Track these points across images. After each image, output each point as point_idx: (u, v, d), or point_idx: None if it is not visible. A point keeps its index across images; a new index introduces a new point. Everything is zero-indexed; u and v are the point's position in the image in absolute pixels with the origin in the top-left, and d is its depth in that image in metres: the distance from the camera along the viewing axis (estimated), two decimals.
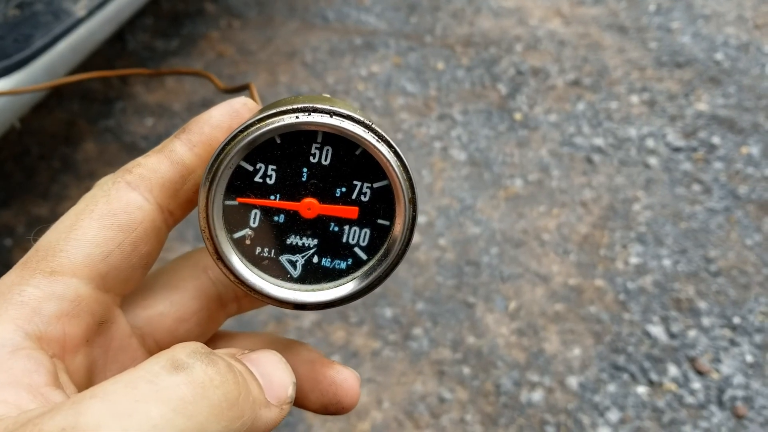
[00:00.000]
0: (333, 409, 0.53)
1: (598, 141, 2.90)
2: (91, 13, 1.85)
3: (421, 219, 2.56)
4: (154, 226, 0.48)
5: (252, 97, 0.64)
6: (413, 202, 0.48)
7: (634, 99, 3.12)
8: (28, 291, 0.42)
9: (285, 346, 0.55)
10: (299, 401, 0.53)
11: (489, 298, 2.31)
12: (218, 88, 0.80)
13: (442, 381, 2.10)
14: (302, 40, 3.45)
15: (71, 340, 0.44)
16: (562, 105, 3.09)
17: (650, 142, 2.90)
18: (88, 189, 0.48)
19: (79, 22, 1.82)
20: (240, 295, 0.56)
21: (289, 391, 0.45)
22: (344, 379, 0.53)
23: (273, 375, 0.44)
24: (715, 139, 2.89)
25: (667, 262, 2.43)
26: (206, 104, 3.02)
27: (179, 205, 0.50)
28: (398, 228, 0.49)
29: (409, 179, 0.48)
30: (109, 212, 0.46)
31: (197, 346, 0.40)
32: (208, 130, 0.49)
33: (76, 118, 2.95)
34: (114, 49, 3.27)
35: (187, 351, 0.39)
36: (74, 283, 0.44)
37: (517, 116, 3.03)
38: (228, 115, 0.50)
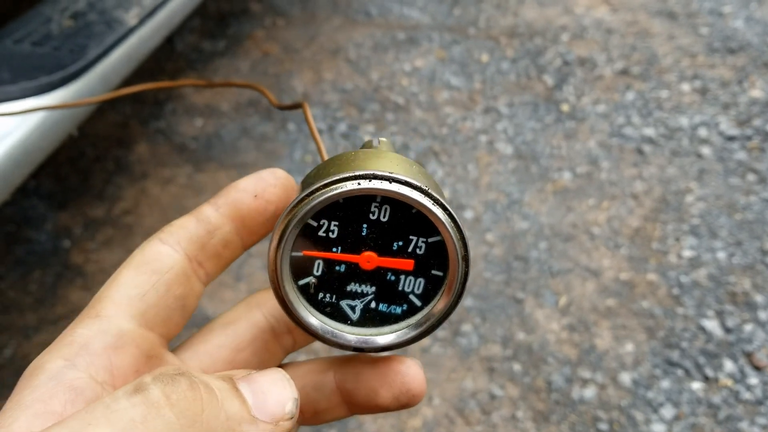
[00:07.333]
0: (404, 399, 0.55)
1: (649, 131, 2.85)
2: (142, 21, 1.89)
3: (468, 214, 2.55)
4: (184, 272, 0.53)
5: (305, 116, 0.66)
6: (466, 259, 0.52)
7: (685, 87, 3.05)
8: (77, 332, 0.48)
9: (343, 361, 0.57)
10: (372, 405, 0.55)
11: (538, 294, 2.30)
12: (272, 104, 0.82)
13: (492, 377, 2.10)
14: (345, 36, 3.46)
15: (119, 369, 0.47)
16: (611, 95, 3.04)
17: (703, 132, 2.83)
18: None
19: (132, 30, 1.87)
20: (292, 327, 0.60)
21: (288, 407, 0.45)
22: (408, 366, 0.55)
23: (269, 391, 0.45)
24: None
25: (721, 255, 2.38)
26: (253, 104, 3.06)
27: (208, 258, 0.56)
28: (451, 280, 0.53)
29: (462, 238, 0.51)
30: (143, 261, 0.52)
31: (169, 368, 0.41)
32: (233, 193, 0.56)
33: (128, 120, 3.02)
34: (163, 51, 3.34)
35: (155, 373, 0.39)
36: (117, 320, 0.49)
37: (564, 108, 3.00)
38: (253, 183, 0.57)
